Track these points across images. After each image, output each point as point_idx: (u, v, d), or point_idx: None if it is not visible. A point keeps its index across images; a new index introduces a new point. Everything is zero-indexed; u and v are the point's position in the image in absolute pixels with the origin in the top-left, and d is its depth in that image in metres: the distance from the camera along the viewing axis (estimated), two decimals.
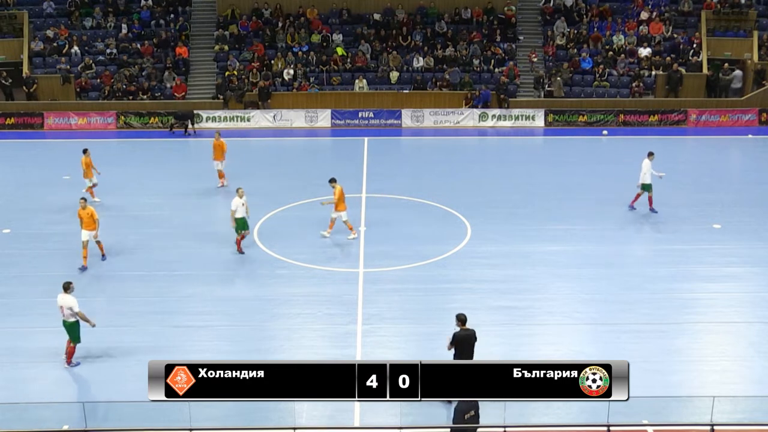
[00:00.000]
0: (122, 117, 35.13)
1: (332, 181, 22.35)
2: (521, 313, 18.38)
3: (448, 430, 13.21)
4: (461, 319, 14.22)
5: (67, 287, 16.13)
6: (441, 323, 17.79)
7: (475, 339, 14.17)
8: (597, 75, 36.54)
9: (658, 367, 15.94)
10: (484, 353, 16.47)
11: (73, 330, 16.16)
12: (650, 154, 23.94)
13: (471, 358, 13.90)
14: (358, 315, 18.25)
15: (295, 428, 13.50)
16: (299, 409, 14.14)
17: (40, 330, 17.70)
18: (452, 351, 14.12)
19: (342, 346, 17.07)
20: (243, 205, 21.16)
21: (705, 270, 20.66)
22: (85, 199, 21.18)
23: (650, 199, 24.02)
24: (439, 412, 14.29)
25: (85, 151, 25.37)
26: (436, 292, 19.24)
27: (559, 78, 35.88)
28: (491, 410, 13.09)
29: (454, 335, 14.11)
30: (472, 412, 12.26)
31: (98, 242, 20.83)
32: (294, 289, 19.62)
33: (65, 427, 13.70)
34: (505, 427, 13.00)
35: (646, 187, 23.88)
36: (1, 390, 15.48)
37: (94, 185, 25.29)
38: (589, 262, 20.94)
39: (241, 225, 21.32)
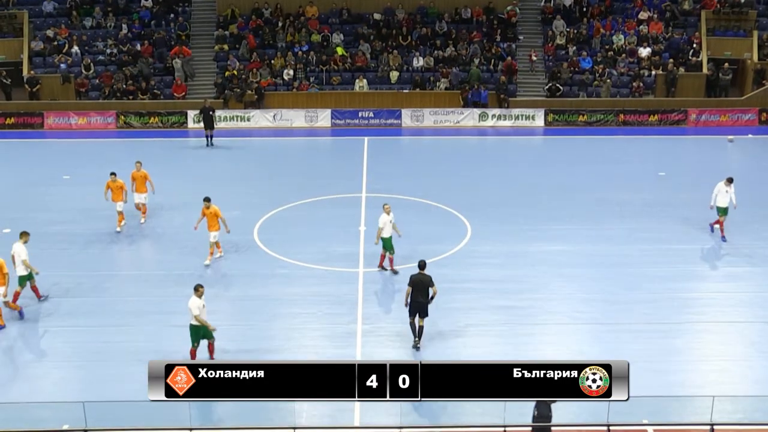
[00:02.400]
0: (122, 117, 35.13)
1: (206, 200, 20.76)
2: (521, 313, 18.38)
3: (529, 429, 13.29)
4: (420, 265, 16.58)
5: (195, 290, 15.81)
6: (442, 323, 17.81)
7: (431, 284, 16.32)
8: (597, 75, 36.50)
9: (658, 367, 15.94)
10: (484, 353, 16.51)
11: (192, 333, 15.81)
12: (729, 180, 22.23)
13: (425, 298, 16.36)
14: (359, 315, 18.25)
15: (295, 428, 13.51)
16: (299, 409, 14.14)
17: (41, 330, 17.68)
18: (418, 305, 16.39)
19: (342, 345, 17.07)
20: (390, 222, 19.68)
21: (705, 270, 20.68)
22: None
23: (721, 226, 22.24)
24: (438, 412, 14.29)
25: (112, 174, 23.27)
26: (437, 292, 19.20)
27: (609, 80, 35.74)
28: (491, 410, 13.10)
29: (411, 277, 16.46)
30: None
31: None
32: (294, 289, 19.62)
33: (65, 427, 13.70)
34: (505, 427, 13.00)
35: (721, 211, 22.13)
36: (2, 390, 15.47)
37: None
38: (590, 262, 20.94)
39: (387, 245, 19.85)
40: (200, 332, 15.79)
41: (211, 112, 32.07)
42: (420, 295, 16.39)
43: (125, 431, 13.78)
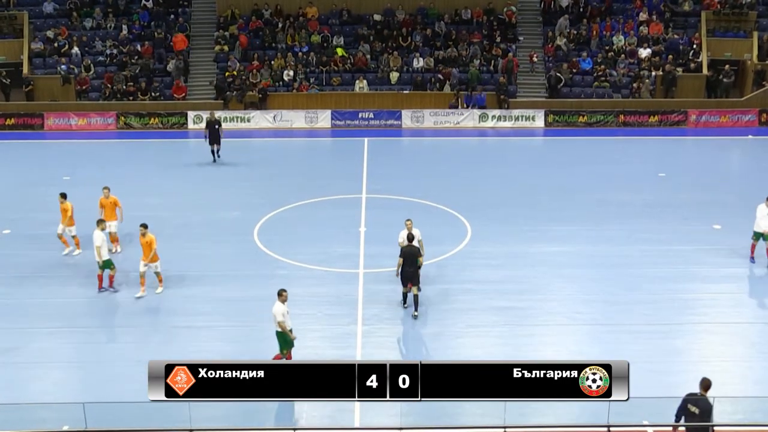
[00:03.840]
0: (122, 117, 35.14)
1: (62, 195, 20.66)
2: (521, 314, 18.36)
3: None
4: (408, 238, 17.93)
5: (279, 294, 15.40)
6: (441, 324, 17.82)
7: (419, 254, 17.83)
8: (597, 75, 36.51)
9: (658, 368, 15.93)
10: (484, 353, 16.50)
11: (279, 339, 15.46)
12: None
13: (414, 267, 17.69)
14: (359, 315, 18.24)
15: (295, 429, 13.50)
16: (299, 409, 14.13)
17: (40, 330, 17.68)
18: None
19: (342, 346, 17.06)
20: (419, 239, 18.58)
21: (705, 270, 20.64)
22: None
23: (753, 248, 20.89)
24: (438, 412, 14.27)
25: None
26: (437, 293, 19.22)
27: (647, 80, 35.68)
28: (491, 410, 13.09)
29: (401, 249, 17.89)
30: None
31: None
32: (294, 290, 19.47)
33: (65, 428, 13.69)
34: (505, 427, 12.99)
35: (759, 236, 20.62)
36: (2, 390, 15.46)
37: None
38: (590, 263, 20.93)
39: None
40: (288, 339, 15.33)
41: (216, 126, 29.56)
42: (409, 266, 17.75)
43: None
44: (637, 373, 11.01)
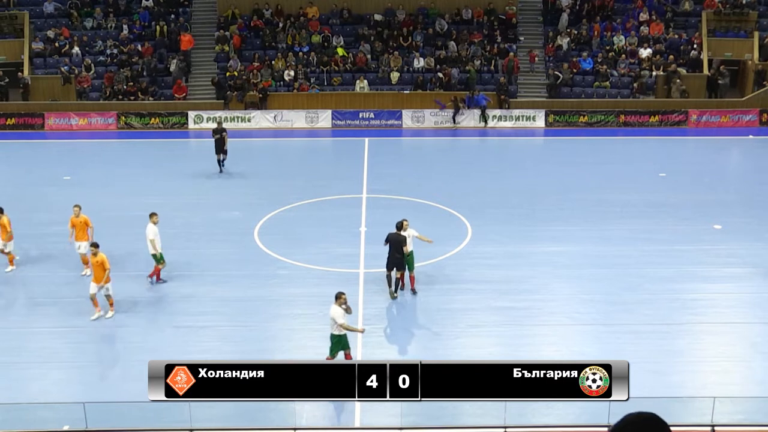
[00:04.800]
0: (123, 117, 35.14)
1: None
2: (522, 314, 18.36)
3: None
4: (397, 226, 18.65)
5: (337, 298, 15.17)
6: (442, 323, 17.83)
7: (404, 243, 18.44)
8: (599, 74, 36.49)
9: (658, 368, 15.93)
10: (484, 353, 16.50)
11: (333, 342, 15.18)
12: None
13: (400, 254, 18.44)
14: (359, 315, 18.23)
15: (296, 429, 13.51)
16: (300, 409, 14.14)
17: (41, 330, 17.71)
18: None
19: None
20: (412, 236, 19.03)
21: (706, 271, 20.65)
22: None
23: None
24: (439, 413, 14.28)
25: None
26: (437, 293, 19.23)
27: (678, 80, 35.62)
28: (491, 410, 13.10)
29: (388, 235, 18.64)
30: None
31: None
32: (295, 290, 19.62)
33: (66, 428, 13.70)
34: (505, 427, 13.00)
35: None
36: (2, 390, 15.47)
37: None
38: (590, 263, 20.92)
39: (408, 263, 19.05)
40: (342, 342, 15.20)
41: (223, 133, 28.27)
42: (396, 252, 18.52)
43: (126, 431, 13.79)
44: (638, 373, 11.02)
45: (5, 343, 17.27)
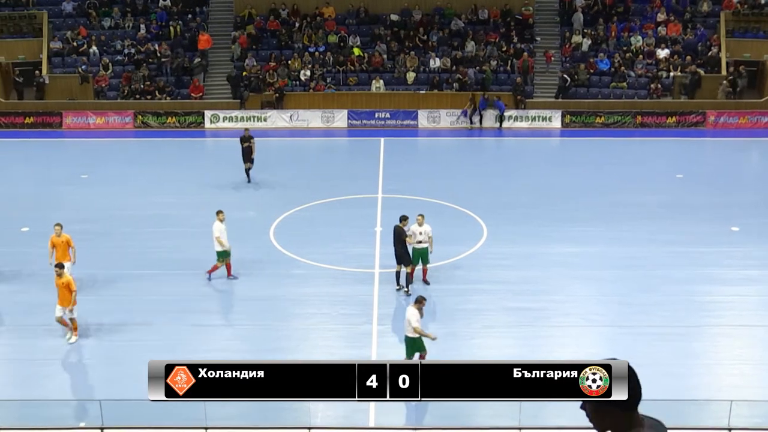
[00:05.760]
0: (140, 116, 35.32)
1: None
2: (536, 315, 18.30)
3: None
4: (400, 219, 19.06)
5: (417, 302, 15.25)
6: (457, 324, 17.80)
7: (404, 235, 18.74)
8: (616, 75, 36.31)
9: (675, 370, 15.83)
10: (499, 355, 16.45)
11: (408, 345, 15.25)
12: None
13: (403, 247, 18.76)
14: (374, 315, 18.25)
15: (310, 428, 13.53)
16: (314, 408, 14.16)
17: (58, 328, 17.79)
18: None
19: (357, 346, 17.07)
20: (424, 233, 19.27)
21: (723, 273, 20.51)
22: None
23: None
24: (453, 413, 14.27)
25: None
26: (452, 293, 19.21)
27: (725, 81, 35.21)
28: (507, 411, 13.06)
29: (394, 227, 19.01)
30: None
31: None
32: (310, 289, 19.65)
33: (82, 425, 13.79)
34: (520, 428, 12.97)
35: None
36: (19, 387, 15.59)
37: None
38: (606, 264, 20.83)
39: (422, 256, 19.35)
40: (417, 345, 15.25)
41: (251, 141, 27.31)
42: (398, 245, 18.72)
43: (141, 429, 13.85)
44: (654, 375, 10.98)
45: (24, 340, 17.40)
